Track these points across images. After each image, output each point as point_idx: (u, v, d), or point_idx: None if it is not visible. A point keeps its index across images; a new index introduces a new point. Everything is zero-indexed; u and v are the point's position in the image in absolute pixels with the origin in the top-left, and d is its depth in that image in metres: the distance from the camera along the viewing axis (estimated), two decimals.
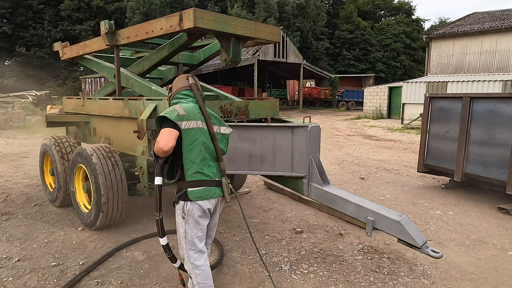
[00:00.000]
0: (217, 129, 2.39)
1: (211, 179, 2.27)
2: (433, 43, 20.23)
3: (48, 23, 35.59)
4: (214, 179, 2.29)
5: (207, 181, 2.25)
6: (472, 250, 3.59)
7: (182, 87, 2.44)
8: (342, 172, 7.05)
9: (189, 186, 2.23)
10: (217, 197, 2.32)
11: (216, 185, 2.29)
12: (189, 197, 2.23)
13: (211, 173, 2.29)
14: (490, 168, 4.87)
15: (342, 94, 33.63)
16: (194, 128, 2.24)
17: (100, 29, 4.01)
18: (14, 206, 4.93)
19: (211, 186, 2.27)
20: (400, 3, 54.42)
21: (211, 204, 2.31)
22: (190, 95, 2.42)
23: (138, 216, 4.50)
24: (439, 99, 5.72)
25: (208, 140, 2.30)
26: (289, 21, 39.46)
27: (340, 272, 3.12)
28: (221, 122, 2.46)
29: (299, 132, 2.99)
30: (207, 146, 2.29)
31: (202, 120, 2.31)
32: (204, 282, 2.33)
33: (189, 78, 2.46)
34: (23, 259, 3.36)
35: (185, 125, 2.21)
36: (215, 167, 2.32)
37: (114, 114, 4.16)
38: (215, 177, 2.30)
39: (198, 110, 2.34)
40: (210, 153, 2.30)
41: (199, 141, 2.25)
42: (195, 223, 2.29)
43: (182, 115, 2.22)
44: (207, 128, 2.31)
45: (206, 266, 2.36)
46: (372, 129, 15.48)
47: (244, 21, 3.45)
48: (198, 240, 2.34)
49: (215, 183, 2.29)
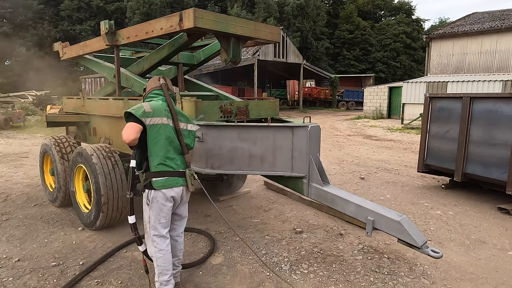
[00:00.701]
0: (184, 126, 2.61)
1: (174, 170, 2.49)
2: (433, 43, 20.23)
3: (48, 23, 35.57)
4: (177, 170, 2.51)
5: (170, 171, 2.48)
6: (472, 250, 3.59)
7: (154, 87, 2.67)
8: (342, 172, 7.04)
9: (153, 176, 2.46)
10: (180, 186, 2.53)
11: (179, 176, 2.52)
12: (153, 186, 2.45)
13: (175, 165, 2.50)
14: (490, 168, 4.86)
15: (342, 94, 33.62)
16: (158, 124, 2.45)
17: (100, 29, 4.01)
18: (14, 206, 4.93)
19: (173, 176, 2.49)
20: (400, 3, 54.40)
21: (174, 193, 2.51)
22: (161, 94, 2.64)
23: (138, 216, 4.49)
24: (439, 99, 5.72)
25: (173, 135, 2.51)
26: (289, 21, 39.44)
27: (340, 272, 3.12)
28: (189, 120, 2.68)
29: (299, 132, 2.99)
30: (172, 141, 2.50)
31: (169, 117, 2.51)
32: (163, 265, 2.53)
33: (160, 79, 2.70)
34: (23, 259, 3.36)
35: (149, 121, 2.43)
36: (179, 159, 2.54)
37: (114, 114, 4.16)
38: (179, 168, 2.52)
39: (166, 108, 2.54)
40: (174, 147, 2.51)
41: (162, 136, 2.46)
42: (158, 209, 2.50)
43: (148, 112, 2.43)
44: (173, 124, 2.53)
45: (168, 251, 2.56)
46: (372, 129, 15.48)
47: (244, 21, 3.45)
48: (161, 226, 2.54)
49: (178, 173, 2.51)
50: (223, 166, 3.18)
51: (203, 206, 4.85)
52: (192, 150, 2.72)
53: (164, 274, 2.53)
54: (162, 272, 2.53)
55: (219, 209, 2.98)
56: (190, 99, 3.23)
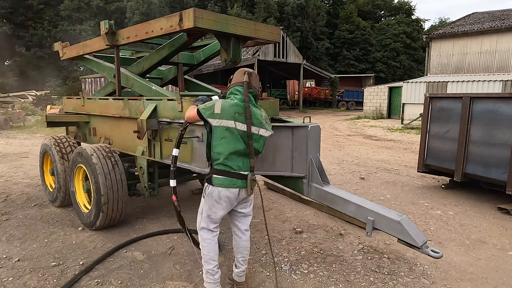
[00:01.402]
0: (256, 130, 2.51)
1: (234, 171, 2.47)
2: (433, 43, 20.23)
3: (48, 23, 35.59)
4: (238, 172, 2.47)
5: (230, 172, 2.46)
6: (472, 250, 3.59)
7: (237, 83, 2.57)
8: (342, 172, 7.04)
9: (213, 173, 2.48)
10: (237, 188, 2.50)
11: (239, 177, 2.48)
12: (212, 182, 2.48)
13: (236, 166, 2.47)
14: (490, 168, 4.86)
15: (342, 94, 33.62)
16: (224, 127, 2.42)
17: (100, 29, 4.00)
18: (14, 206, 4.93)
19: (233, 177, 2.47)
20: (400, 3, 54.41)
21: (230, 193, 2.50)
22: (241, 91, 2.53)
23: (138, 216, 4.50)
24: (439, 99, 5.72)
25: (240, 138, 2.45)
26: (289, 21, 39.44)
27: (340, 272, 3.12)
28: (262, 125, 2.55)
29: (299, 132, 2.99)
30: (238, 143, 2.45)
31: (239, 120, 2.44)
32: (208, 254, 2.61)
33: (246, 74, 2.55)
34: (23, 259, 3.36)
35: (216, 122, 2.42)
36: (242, 161, 2.49)
37: (114, 114, 4.16)
38: (240, 170, 2.48)
39: (238, 110, 2.46)
40: (240, 149, 2.46)
41: (228, 137, 2.43)
42: (211, 204, 2.53)
43: (216, 114, 2.42)
44: (245, 127, 2.45)
45: (212, 241, 2.62)
46: (372, 129, 15.48)
47: (244, 21, 3.45)
48: (210, 220, 2.60)
49: (239, 175, 2.48)
50: None
51: None
52: (261, 153, 2.65)
53: (209, 263, 2.61)
54: (208, 261, 2.61)
55: None
56: (190, 99, 3.23)
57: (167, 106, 3.41)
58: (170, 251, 3.52)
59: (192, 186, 5.85)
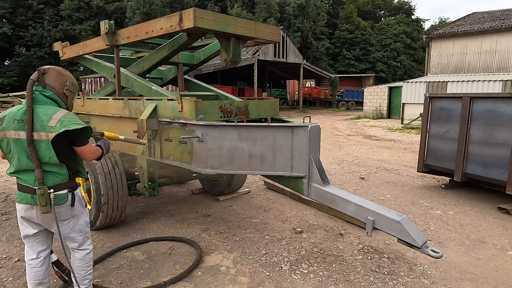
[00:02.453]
0: (37, 135, 2.10)
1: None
2: (433, 43, 20.23)
3: (48, 23, 35.54)
4: (28, 186, 2.16)
5: (22, 186, 2.18)
6: (472, 250, 3.59)
7: None
8: (342, 172, 7.04)
9: None
10: (26, 203, 2.18)
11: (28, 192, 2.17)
12: None
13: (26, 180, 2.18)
14: (490, 168, 4.86)
15: (342, 94, 33.63)
16: (5, 139, 2.15)
17: (100, 29, 4.00)
18: (14, 206, 4.92)
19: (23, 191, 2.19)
20: (400, 3, 54.41)
21: (25, 210, 2.22)
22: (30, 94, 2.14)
23: (138, 216, 4.50)
24: (439, 99, 5.72)
25: (22, 148, 2.12)
26: (290, 21, 39.45)
27: (340, 272, 3.12)
28: (44, 127, 2.10)
29: (299, 132, 2.99)
30: (19, 155, 2.14)
31: (18, 128, 2.10)
32: None
33: (35, 72, 2.20)
34: (23, 259, 3.35)
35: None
36: (29, 174, 2.15)
37: (114, 114, 4.16)
38: (29, 184, 2.16)
39: (18, 116, 2.12)
40: (24, 161, 2.14)
41: (12, 150, 2.15)
42: (19, 223, 2.31)
43: None
44: None
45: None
46: (372, 129, 15.48)
47: (244, 21, 3.45)
48: None
49: (29, 189, 2.16)
50: (223, 166, 3.18)
51: (203, 206, 4.85)
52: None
53: None
54: None
55: (219, 209, 2.96)
56: (190, 99, 3.23)
57: (167, 106, 3.41)
58: (170, 251, 3.52)
59: (192, 186, 5.86)
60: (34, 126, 2.07)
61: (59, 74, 2.28)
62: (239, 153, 3.11)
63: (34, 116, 2.08)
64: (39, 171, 2.09)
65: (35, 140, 2.08)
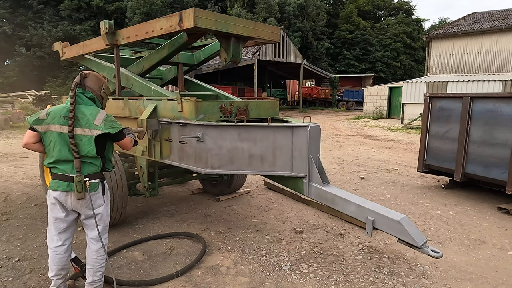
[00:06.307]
0: (81, 131, 2.39)
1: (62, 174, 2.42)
2: (433, 43, 20.23)
3: (48, 23, 35.53)
4: (64, 174, 2.41)
5: (58, 175, 2.42)
6: (472, 250, 3.59)
7: None
8: (342, 172, 7.05)
9: None
10: (63, 190, 2.41)
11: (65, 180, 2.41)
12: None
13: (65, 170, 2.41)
14: (490, 168, 4.87)
15: (342, 94, 33.64)
16: (48, 132, 2.39)
17: (100, 29, 4.00)
18: (14, 206, 4.93)
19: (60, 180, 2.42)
20: (400, 3, 54.41)
21: (59, 195, 2.44)
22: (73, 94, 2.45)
23: (138, 216, 4.50)
24: (439, 99, 5.72)
25: (64, 141, 2.37)
26: (290, 21, 39.45)
27: (340, 272, 3.12)
28: (89, 125, 2.40)
29: (299, 132, 2.99)
30: (61, 147, 2.38)
31: (63, 123, 2.37)
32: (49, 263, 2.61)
33: (78, 76, 2.52)
34: (23, 259, 3.36)
35: (41, 128, 2.39)
36: (67, 164, 2.40)
37: (114, 114, 4.16)
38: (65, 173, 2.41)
39: (63, 113, 2.40)
40: (65, 152, 2.39)
41: (52, 142, 2.38)
42: (49, 209, 2.51)
43: (42, 119, 2.39)
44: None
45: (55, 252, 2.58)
46: (372, 129, 15.48)
47: (244, 21, 3.45)
48: None
49: (66, 178, 2.41)
50: (223, 166, 3.18)
51: (203, 206, 4.85)
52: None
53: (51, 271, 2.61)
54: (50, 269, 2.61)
55: (219, 209, 2.97)
56: (190, 99, 3.23)
57: (167, 106, 3.41)
58: (170, 251, 3.52)
59: (192, 186, 5.86)
60: (79, 123, 2.38)
61: (98, 78, 2.60)
62: (239, 153, 3.11)
63: (79, 114, 2.39)
64: (77, 161, 2.36)
65: (78, 135, 2.37)
